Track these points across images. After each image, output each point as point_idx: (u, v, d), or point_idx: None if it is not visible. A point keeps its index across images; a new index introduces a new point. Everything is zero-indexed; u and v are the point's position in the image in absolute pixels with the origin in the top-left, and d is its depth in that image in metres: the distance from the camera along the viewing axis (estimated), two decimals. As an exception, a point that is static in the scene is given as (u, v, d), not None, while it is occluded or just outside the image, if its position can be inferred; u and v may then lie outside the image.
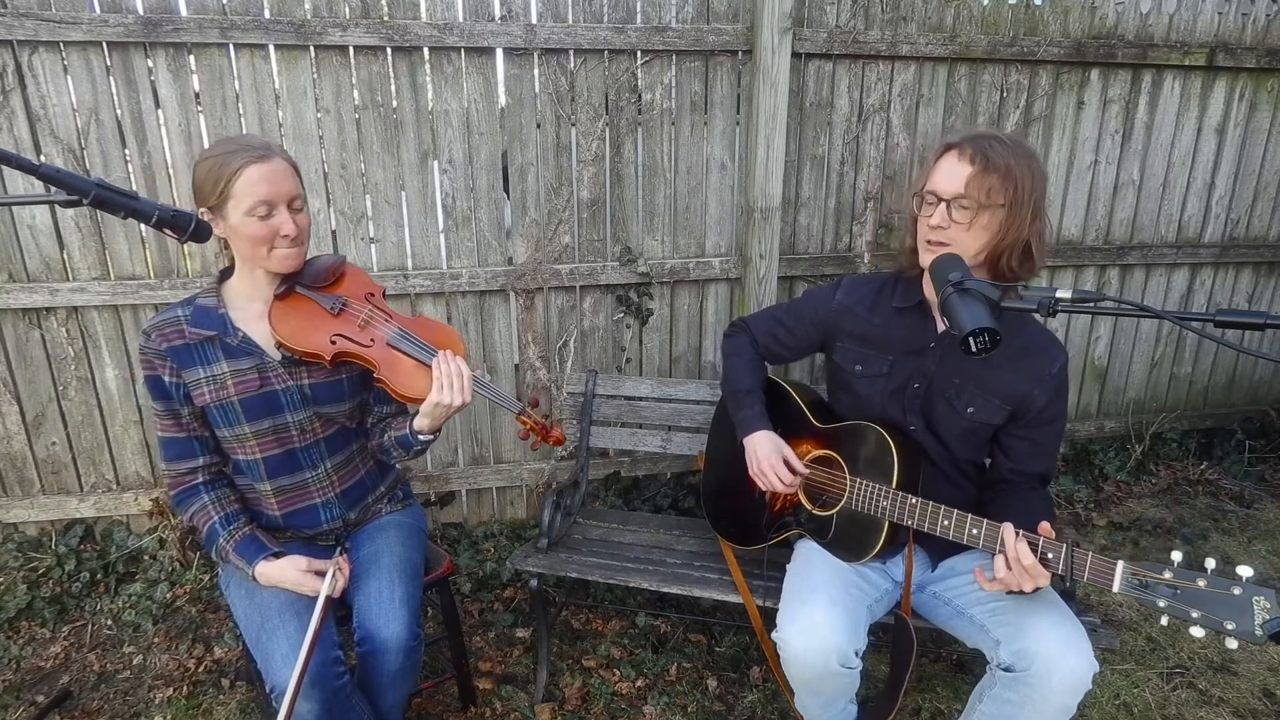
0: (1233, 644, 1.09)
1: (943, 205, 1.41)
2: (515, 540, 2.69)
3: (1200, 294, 3.15)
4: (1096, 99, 2.79)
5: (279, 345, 1.45)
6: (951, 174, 1.41)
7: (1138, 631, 2.28)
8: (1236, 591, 1.10)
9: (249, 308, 1.47)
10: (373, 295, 1.54)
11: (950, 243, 1.42)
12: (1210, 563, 1.14)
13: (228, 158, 1.33)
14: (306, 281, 1.49)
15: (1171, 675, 2.10)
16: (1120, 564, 1.20)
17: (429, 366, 1.43)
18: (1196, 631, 1.12)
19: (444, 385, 1.41)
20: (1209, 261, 3.08)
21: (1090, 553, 1.23)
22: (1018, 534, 1.29)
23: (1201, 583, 1.13)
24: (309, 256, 1.51)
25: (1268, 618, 1.07)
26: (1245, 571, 1.10)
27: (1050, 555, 1.27)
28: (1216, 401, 3.34)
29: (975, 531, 1.37)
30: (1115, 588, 1.19)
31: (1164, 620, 1.16)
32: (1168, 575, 1.15)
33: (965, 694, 1.54)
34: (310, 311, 1.47)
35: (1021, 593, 1.30)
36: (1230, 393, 3.35)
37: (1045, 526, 1.29)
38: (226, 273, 1.50)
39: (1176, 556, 1.17)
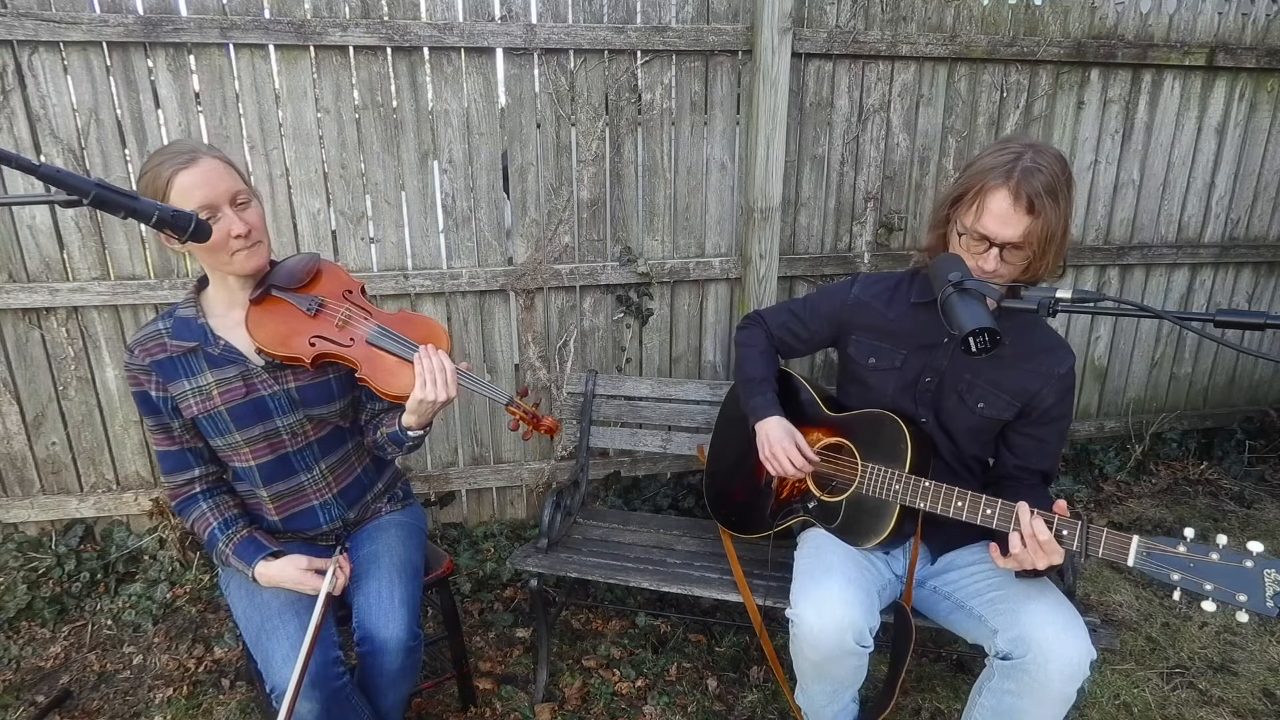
0: (1243, 617, 1.11)
1: (995, 250, 1.40)
2: (515, 540, 2.69)
3: (1200, 294, 3.15)
4: (1096, 99, 2.79)
5: (259, 351, 1.43)
6: (1005, 219, 1.37)
7: (1138, 631, 2.28)
8: (1249, 565, 1.12)
9: (228, 315, 1.45)
10: (350, 292, 1.50)
11: (1003, 277, 1.43)
12: (1222, 538, 1.17)
13: (158, 170, 1.29)
14: (281, 283, 1.45)
15: (1171, 675, 2.10)
16: (1135, 538, 1.22)
17: (412, 363, 1.40)
18: (1208, 606, 1.14)
19: (426, 381, 1.38)
20: (1209, 261, 3.08)
21: (1105, 529, 1.26)
22: (1033, 512, 1.32)
23: (1214, 556, 1.15)
24: (283, 257, 1.49)
25: (1278, 590, 1.09)
26: (1256, 547, 1.13)
27: (1065, 532, 1.29)
28: (1216, 401, 3.34)
29: (989, 511, 1.39)
30: (1130, 561, 1.21)
31: (1176, 594, 1.18)
32: (1181, 549, 1.18)
33: (965, 694, 1.54)
34: (287, 314, 1.43)
35: (1035, 572, 1.33)
36: (1230, 393, 3.35)
37: (1061, 504, 1.33)
38: (204, 282, 1.48)
39: (1189, 532, 1.20)
